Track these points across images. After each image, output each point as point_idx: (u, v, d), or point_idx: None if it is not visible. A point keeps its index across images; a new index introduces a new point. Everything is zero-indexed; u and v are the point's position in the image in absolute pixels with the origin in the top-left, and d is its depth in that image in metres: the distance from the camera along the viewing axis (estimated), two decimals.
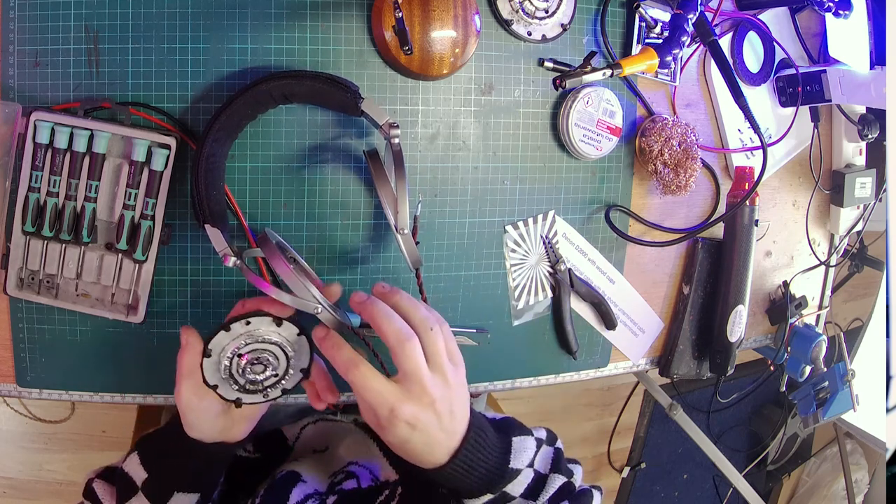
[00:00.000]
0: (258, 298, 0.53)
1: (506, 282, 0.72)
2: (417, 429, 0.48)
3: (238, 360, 0.52)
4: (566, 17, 0.68)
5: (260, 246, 0.53)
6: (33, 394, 0.65)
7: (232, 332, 0.51)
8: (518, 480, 0.55)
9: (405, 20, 0.58)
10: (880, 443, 1.04)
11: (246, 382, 0.53)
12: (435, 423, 0.49)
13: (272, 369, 0.53)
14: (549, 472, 0.57)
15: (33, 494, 1.56)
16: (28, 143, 0.57)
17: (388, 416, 0.47)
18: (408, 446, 0.49)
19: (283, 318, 0.52)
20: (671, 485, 1.63)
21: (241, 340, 0.51)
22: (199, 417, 0.54)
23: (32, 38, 0.58)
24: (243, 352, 0.52)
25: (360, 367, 0.48)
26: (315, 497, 0.59)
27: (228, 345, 0.51)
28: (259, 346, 0.52)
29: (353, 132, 0.65)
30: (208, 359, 0.51)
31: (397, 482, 0.61)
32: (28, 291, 0.61)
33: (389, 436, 0.49)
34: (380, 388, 0.48)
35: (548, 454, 0.59)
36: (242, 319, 0.51)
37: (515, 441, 0.57)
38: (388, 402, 0.47)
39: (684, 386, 1.33)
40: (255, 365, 0.53)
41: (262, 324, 0.52)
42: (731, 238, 0.79)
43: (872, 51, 0.84)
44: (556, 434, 0.63)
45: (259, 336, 0.52)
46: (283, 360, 0.53)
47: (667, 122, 0.73)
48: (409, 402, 0.48)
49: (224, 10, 0.60)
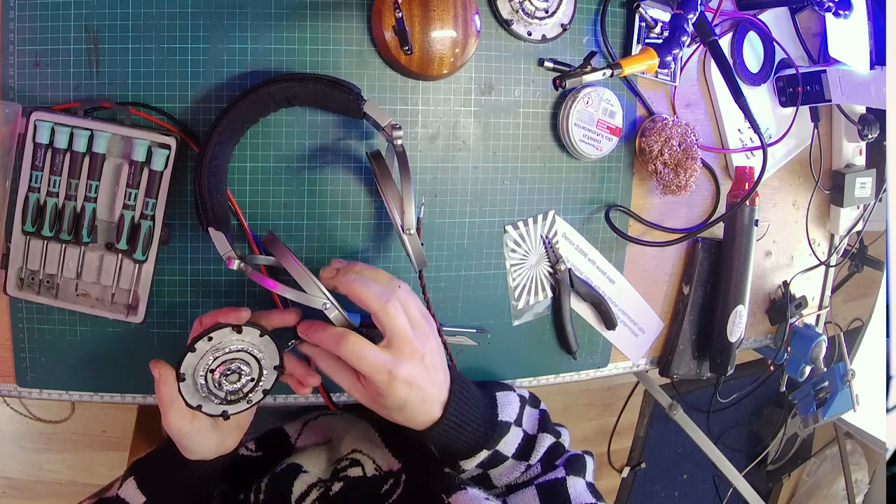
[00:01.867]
0: (213, 312, 0.54)
1: (506, 282, 0.72)
2: (414, 386, 0.50)
3: (211, 375, 0.53)
4: (566, 17, 0.68)
5: (267, 245, 0.54)
6: (33, 394, 0.65)
7: (198, 351, 0.52)
8: (508, 440, 0.56)
9: (405, 20, 0.58)
10: (880, 443, 1.04)
11: (226, 394, 0.54)
12: (426, 378, 0.51)
13: (247, 375, 0.54)
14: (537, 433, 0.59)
15: (33, 494, 1.56)
16: (28, 143, 0.57)
17: (388, 379, 0.49)
18: (406, 407, 0.51)
19: (241, 325, 0.53)
20: (671, 485, 1.63)
21: (208, 357, 0.53)
22: (194, 440, 0.55)
23: (32, 38, 0.58)
24: (214, 366, 0.53)
25: (350, 338, 0.49)
26: (319, 485, 0.59)
27: (198, 364, 0.53)
28: (227, 356, 0.53)
29: (354, 133, 0.65)
30: (184, 382, 0.53)
31: (401, 471, 0.61)
32: (28, 291, 0.61)
33: (388, 400, 0.50)
34: (373, 354, 0.49)
35: (534, 415, 0.61)
36: (204, 336, 0.52)
37: (499, 395, 0.59)
38: (385, 366, 0.49)
39: (684, 386, 1.33)
40: (230, 375, 0.54)
41: (223, 336, 0.53)
42: (731, 238, 0.79)
43: (872, 51, 0.84)
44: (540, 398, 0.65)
45: (224, 347, 0.53)
46: (253, 363, 0.54)
47: (667, 122, 0.73)
48: (403, 360, 0.50)
49: (224, 10, 0.60)
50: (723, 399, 0.99)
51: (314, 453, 0.66)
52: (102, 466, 1.57)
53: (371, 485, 0.60)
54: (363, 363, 0.49)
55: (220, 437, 0.57)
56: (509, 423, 0.57)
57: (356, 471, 0.61)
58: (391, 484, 0.58)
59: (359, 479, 0.60)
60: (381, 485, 0.59)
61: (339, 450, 0.67)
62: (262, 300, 0.65)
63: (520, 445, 0.57)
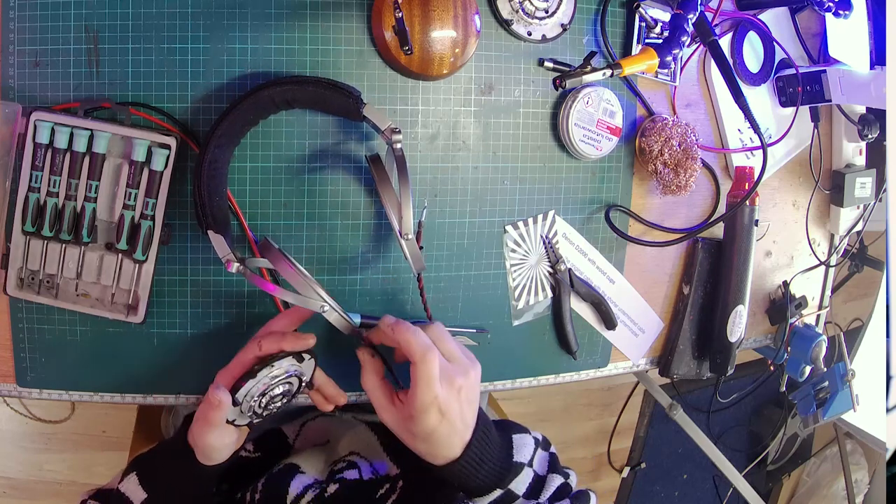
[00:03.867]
0: (276, 336, 0.55)
1: (506, 282, 0.72)
2: (446, 416, 0.51)
3: (261, 398, 0.54)
4: (566, 17, 0.68)
5: (262, 252, 0.55)
6: (33, 394, 0.65)
7: (258, 378, 0.53)
8: (520, 479, 0.57)
9: (405, 20, 0.58)
10: (880, 443, 1.04)
11: (263, 411, 0.55)
12: (458, 412, 0.52)
13: (289, 395, 0.56)
14: (546, 473, 0.60)
15: (33, 494, 1.56)
16: (28, 143, 0.57)
17: (431, 400, 0.50)
18: (432, 438, 0.52)
19: (303, 354, 0.54)
20: (671, 485, 1.64)
21: (265, 381, 0.53)
22: (221, 452, 0.57)
23: (32, 38, 0.58)
24: (267, 392, 0.54)
25: (435, 354, 0.51)
26: (315, 486, 0.59)
27: (253, 389, 0.53)
28: (280, 381, 0.54)
29: (354, 135, 0.65)
30: (235, 406, 0.53)
31: (398, 476, 0.61)
32: (28, 291, 0.61)
33: (418, 427, 0.52)
34: (436, 374, 0.51)
35: (544, 457, 0.62)
36: (268, 365, 0.53)
37: (516, 437, 0.61)
38: (434, 389, 0.50)
39: (684, 386, 1.33)
40: (276, 397, 0.55)
41: (284, 363, 0.53)
42: (731, 238, 0.79)
43: (872, 51, 0.84)
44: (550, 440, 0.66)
45: (282, 374, 0.54)
46: (296, 383, 0.56)
47: (667, 122, 0.73)
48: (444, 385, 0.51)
49: (224, 10, 0.60)
50: (723, 399, 0.99)
51: (311, 454, 0.66)
52: (102, 466, 1.57)
53: (367, 488, 0.60)
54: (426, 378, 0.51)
55: (237, 443, 0.59)
56: (523, 464, 0.58)
57: (352, 473, 0.62)
58: (387, 489, 0.59)
59: (355, 481, 0.61)
60: (376, 489, 0.59)
61: (336, 451, 0.67)
62: (263, 299, 0.65)
63: (530, 485, 0.58)
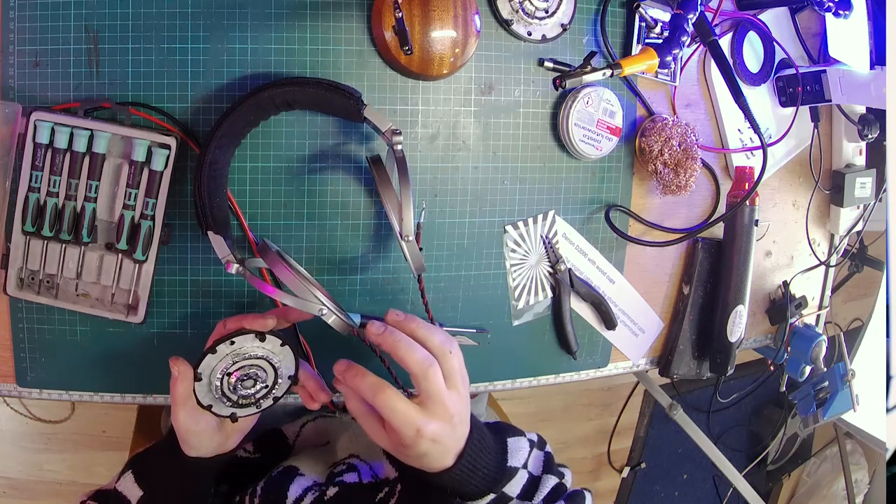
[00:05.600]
0: (238, 317, 0.55)
1: (506, 282, 0.72)
2: (437, 442, 0.51)
3: (228, 378, 0.54)
4: (566, 17, 0.68)
5: (260, 254, 0.55)
6: (33, 394, 0.65)
7: (218, 353, 0.53)
8: (514, 481, 0.57)
9: (405, 20, 0.58)
10: (880, 443, 1.04)
11: (238, 398, 0.55)
12: (451, 435, 0.52)
13: (262, 382, 0.55)
14: (541, 474, 0.60)
15: (33, 494, 1.56)
16: (28, 143, 0.57)
17: (414, 435, 0.50)
18: (424, 459, 0.52)
19: (265, 333, 0.54)
20: (671, 485, 1.63)
21: (228, 360, 0.53)
22: (199, 438, 0.56)
23: (32, 38, 0.58)
24: (232, 370, 0.54)
25: (386, 391, 0.50)
26: (314, 489, 0.59)
27: (217, 366, 0.53)
28: (246, 362, 0.54)
29: (355, 136, 0.65)
30: (199, 382, 0.53)
31: (396, 479, 0.61)
32: (28, 291, 0.61)
33: (411, 452, 0.51)
34: (405, 409, 0.50)
35: (539, 457, 0.62)
36: (227, 340, 0.53)
37: (510, 441, 0.60)
38: (414, 423, 0.50)
39: (684, 386, 1.33)
40: (246, 381, 0.54)
41: (245, 341, 0.53)
42: (731, 238, 0.79)
43: (872, 51, 0.84)
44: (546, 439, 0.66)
45: (245, 353, 0.53)
46: (270, 371, 0.55)
47: (667, 122, 0.73)
48: (433, 420, 0.50)
49: (224, 10, 0.60)
50: (723, 399, 1.00)
51: (311, 456, 0.66)
52: (102, 466, 1.57)
53: (366, 491, 0.60)
54: (395, 416, 0.50)
55: (222, 437, 0.58)
56: (517, 468, 0.58)
57: (351, 476, 0.61)
58: (386, 492, 0.59)
59: (354, 485, 0.61)
60: (375, 492, 0.59)
61: (335, 453, 0.67)
62: (263, 299, 0.65)
63: (524, 487, 0.58)
